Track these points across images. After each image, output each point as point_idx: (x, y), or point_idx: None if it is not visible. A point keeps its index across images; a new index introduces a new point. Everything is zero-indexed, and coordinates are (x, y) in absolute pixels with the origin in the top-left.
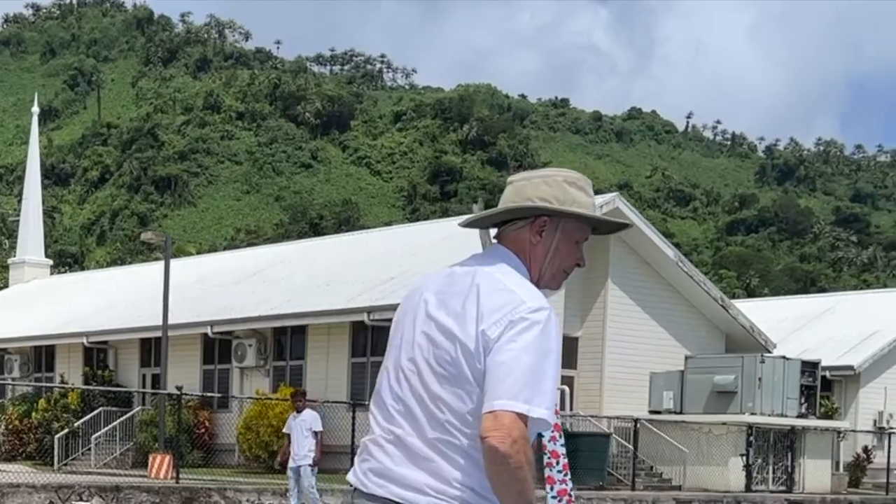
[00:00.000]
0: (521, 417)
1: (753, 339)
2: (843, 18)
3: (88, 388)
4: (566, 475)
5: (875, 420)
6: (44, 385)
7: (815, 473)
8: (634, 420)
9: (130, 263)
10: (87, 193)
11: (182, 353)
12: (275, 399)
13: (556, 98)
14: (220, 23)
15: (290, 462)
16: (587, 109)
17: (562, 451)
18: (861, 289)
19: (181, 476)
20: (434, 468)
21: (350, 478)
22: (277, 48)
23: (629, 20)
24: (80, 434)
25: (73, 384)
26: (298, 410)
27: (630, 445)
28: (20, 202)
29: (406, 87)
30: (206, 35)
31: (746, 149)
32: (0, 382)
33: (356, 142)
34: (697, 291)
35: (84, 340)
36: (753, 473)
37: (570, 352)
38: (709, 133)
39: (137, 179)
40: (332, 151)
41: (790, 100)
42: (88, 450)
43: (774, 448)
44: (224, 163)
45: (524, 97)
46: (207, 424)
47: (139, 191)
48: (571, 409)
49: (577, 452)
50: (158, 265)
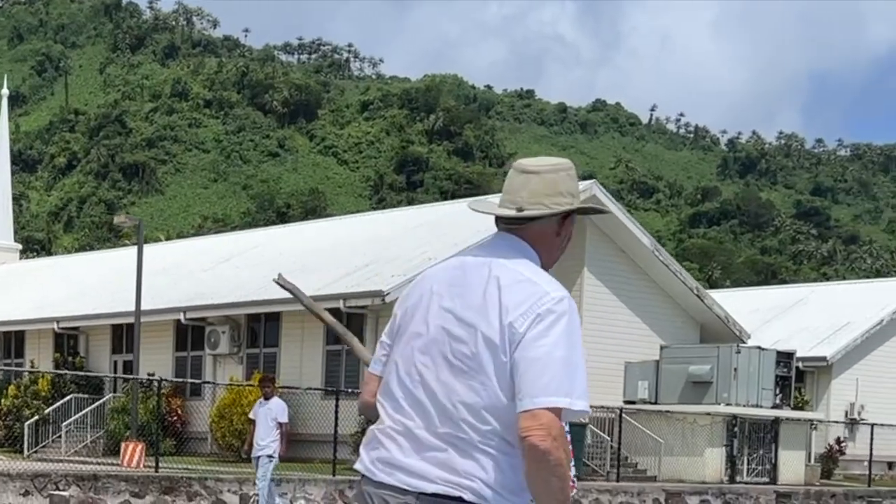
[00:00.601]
0: (558, 412)
1: (728, 330)
2: (806, 14)
3: (59, 373)
4: (570, 461)
5: (846, 411)
6: (14, 370)
7: (790, 464)
8: (620, 409)
9: (98, 250)
10: (55, 180)
11: (154, 340)
12: (249, 385)
13: (522, 89)
14: (188, 10)
15: (254, 450)
16: (552, 101)
17: (568, 437)
18: (820, 282)
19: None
20: (443, 459)
21: (358, 466)
22: (245, 36)
23: (595, 11)
24: (51, 421)
25: (43, 370)
26: (266, 397)
27: (606, 436)
28: None
29: (373, 77)
30: (174, 22)
31: (709, 142)
32: None
33: (323, 131)
34: (673, 281)
35: (54, 326)
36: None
37: None
38: (672, 126)
39: (105, 166)
40: (300, 140)
41: (752, 93)
42: (59, 437)
43: (749, 439)
44: (192, 151)
45: (490, 88)
46: (180, 412)
47: (107, 178)
48: None
49: None
50: (130, 251)
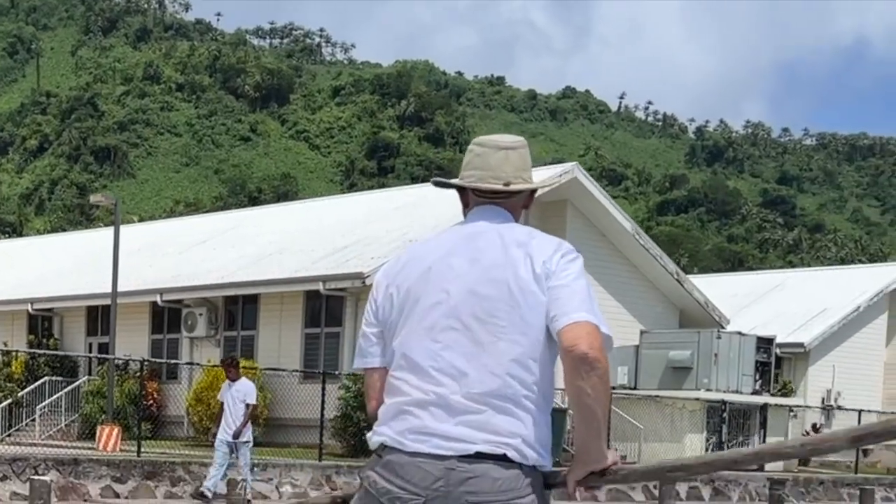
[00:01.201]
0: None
1: (708, 315)
2: (774, 3)
3: (35, 352)
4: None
5: (823, 398)
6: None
7: None
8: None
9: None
10: (26, 162)
11: (130, 322)
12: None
13: (492, 76)
14: None
15: (222, 433)
16: (522, 88)
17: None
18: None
19: (130, 449)
20: (481, 421)
21: (378, 440)
22: (217, 20)
23: None
24: (25, 404)
25: (18, 351)
26: (232, 380)
27: None
28: None
29: (345, 62)
30: (146, 5)
31: (677, 130)
32: None
33: (295, 115)
34: (653, 265)
35: (28, 307)
36: (710, 450)
37: None
38: (641, 114)
39: (77, 149)
40: (272, 125)
41: (720, 82)
42: (33, 420)
43: (729, 425)
44: (164, 134)
45: (461, 74)
46: (156, 395)
47: (78, 161)
48: None
49: None
50: (104, 232)
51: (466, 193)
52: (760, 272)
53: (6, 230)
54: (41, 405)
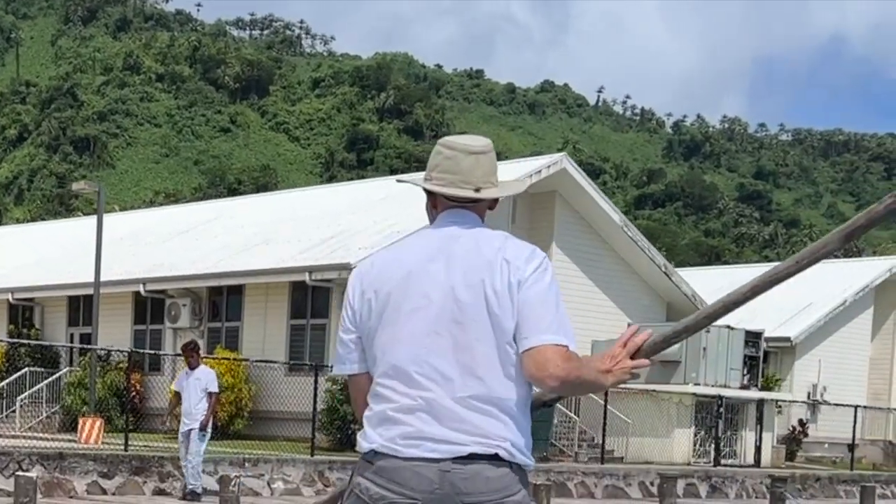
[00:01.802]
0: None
1: (695, 308)
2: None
3: (17, 342)
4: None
5: (809, 393)
6: None
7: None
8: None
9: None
10: (5, 152)
11: (112, 313)
12: (218, 358)
13: (472, 69)
14: None
15: (182, 425)
16: (501, 81)
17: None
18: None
19: (112, 441)
20: (469, 424)
21: (369, 446)
22: (198, 10)
23: None
24: (5, 395)
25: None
26: (191, 367)
27: (574, 415)
28: None
29: (324, 54)
30: None
31: (655, 124)
32: None
33: (275, 107)
34: (641, 258)
35: (9, 297)
36: (697, 446)
37: None
38: (619, 108)
39: (56, 139)
40: (251, 116)
41: (698, 77)
42: (13, 412)
43: (718, 420)
44: (143, 125)
45: (440, 67)
46: (138, 387)
47: (58, 150)
48: None
49: None
50: (85, 221)
51: (436, 196)
52: (744, 266)
53: None
54: (21, 396)
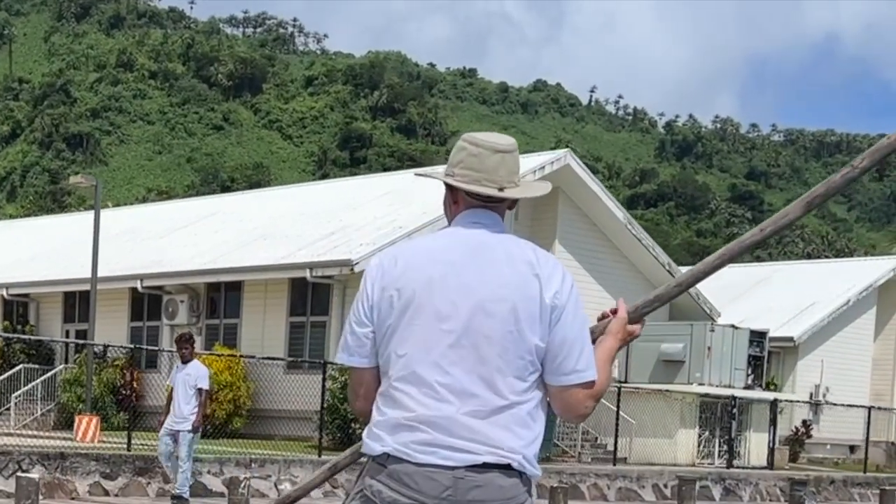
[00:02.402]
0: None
1: (698, 307)
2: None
3: (12, 336)
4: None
5: (811, 393)
6: None
7: (760, 447)
8: (618, 387)
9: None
10: None
11: (109, 309)
12: (217, 354)
13: (465, 68)
14: None
15: (168, 422)
16: (494, 80)
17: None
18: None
19: (109, 440)
20: (486, 436)
21: (378, 448)
22: (191, 8)
23: None
24: None
25: None
26: (184, 361)
27: None
28: None
29: (318, 52)
30: None
31: (647, 124)
32: None
33: (268, 105)
34: (644, 256)
35: (3, 293)
36: (701, 447)
37: None
38: (611, 107)
39: (49, 136)
40: (244, 114)
41: (690, 77)
42: (7, 409)
43: (721, 420)
44: (136, 122)
45: (433, 66)
46: (135, 385)
47: (51, 147)
48: None
49: None
50: (80, 216)
51: (457, 191)
52: (746, 265)
53: None
54: (16, 394)
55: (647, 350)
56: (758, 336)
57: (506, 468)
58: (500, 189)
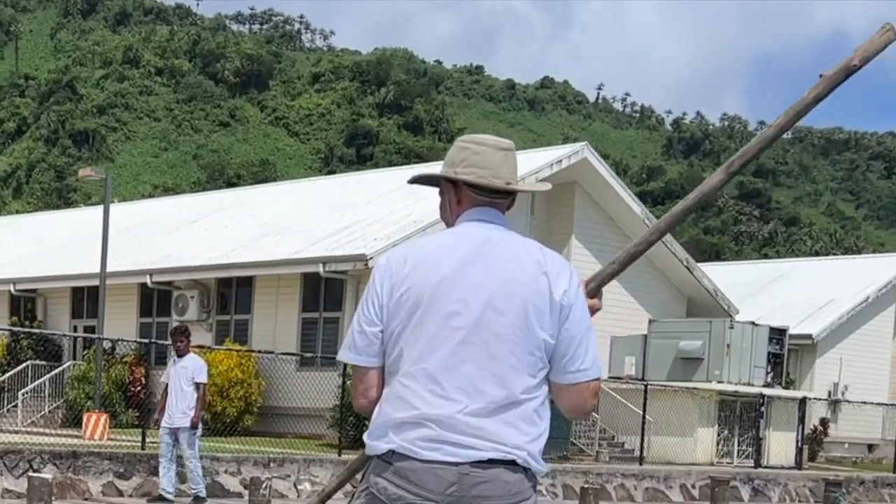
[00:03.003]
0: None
1: (716, 304)
2: None
3: (19, 330)
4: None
5: (830, 391)
6: None
7: (780, 446)
8: (645, 385)
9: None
10: (4, 145)
11: (117, 305)
12: (222, 349)
13: (472, 65)
14: None
15: (165, 420)
16: (501, 77)
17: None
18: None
19: (118, 438)
20: (491, 433)
21: (384, 446)
22: (197, 5)
23: None
24: (6, 389)
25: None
26: (179, 354)
27: (595, 413)
28: None
29: (324, 49)
30: None
31: (654, 122)
32: None
33: (274, 101)
34: (662, 251)
35: (11, 288)
36: (720, 445)
37: None
38: (618, 105)
39: (55, 132)
40: (251, 111)
41: (698, 74)
42: (14, 406)
43: (741, 419)
44: (142, 119)
45: (440, 63)
46: (144, 381)
47: (57, 144)
48: None
49: None
50: (90, 211)
51: (460, 190)
52: (762, 261)
53: None
54: (23, 391)
55: (665, 347)
56: (777, 333)
57: (511, 464)
58: (507, 184)
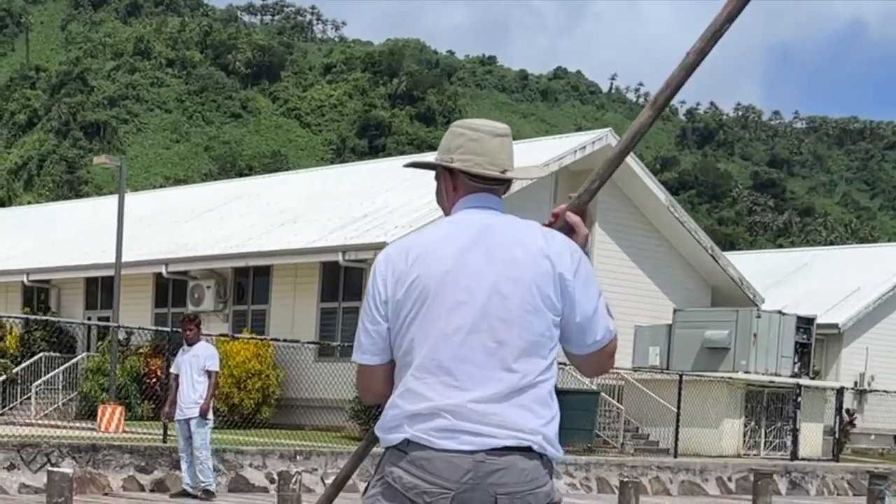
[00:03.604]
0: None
1: (742, 293)
2: None
3: (33, 317)
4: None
5: (856, 382)
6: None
7: (809, 437)
8: (680, 375)
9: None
10: (15, 137)
11: (132, 295)
12: (240, 338)
13: (484, 55)
14: None
15: (178, 412)
16: (514, 68)
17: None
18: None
19: (133, 430)
20: (504, 421)
21: (398, 437)
22: None
23: None
24: (19, 381)
25: (13, 323)
26: (189, 343)
27: (618, 404)
28: None
29: (336, 40)
30: None
31: (668, 112)
32: None
33: (286, 93)
34: (687, 239)
35: (24, 279)
36: (747, 437)
37: None
38: (632, 95)
39: (66, 124)
40: (262, 102)
41: (712, 64)
42: (28, 399)
43: (768, 410)
44: (154, 110)
45: (452, 53)
46: (159, 373)
47: (68, 136)
48: None
49: (565, 411)
50: (103, 200)
51: (456, 177)
52: (783, 250)
53: None
54: (37, 383)
55: (691, 337)
56: (805, 322)
57: (527, 451)
58: (503, 171)
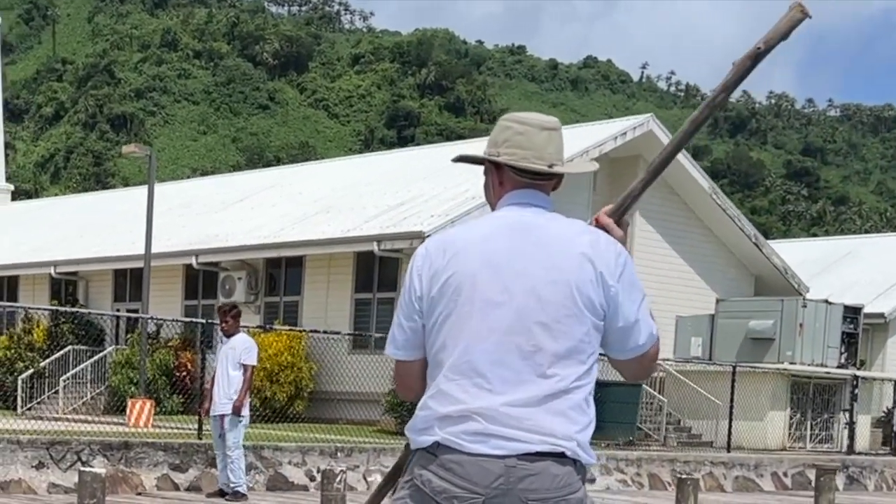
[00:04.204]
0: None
1: (786, 282)
2: None
3: (66, 310)
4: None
5: None
6: (19, 306)
7: (859, 430)
8: (733, 366)
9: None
10: (42, 130)
11: (162, 287)
12: (272, 329)
13: (513, 45)
14: None
15: (213, 408)
16: (543, 57)
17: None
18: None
19: (163, 425)
20: (537, 426)
21: (429, 439)
22: None
23: None
24: (47, 375)
25: (41, 316)
26: (227, 334)
27: (661, 396)
28: None
29: (364, 30)
30: None
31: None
32: None
33: (314, 84)
34: (730, 227)
35: (51, 271)
36: (793, 430)
37: None
38: (663, 84)
39: (93, 117)
40: (290, 93)
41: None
42: (55, 393)
43: (814, 402)
44: (180, 102)
45: (481, 43)
46: (189, 367)
47: (94, 128)
48: None
49: (607, 404)
50: (132, 191)
51: (502, 171)
52: (830, 238)
53: (21, 198)
54: (64, 376)
55: (735, 327)
56: (851, 312)
57: (560, 456)
58: (550, 166)
